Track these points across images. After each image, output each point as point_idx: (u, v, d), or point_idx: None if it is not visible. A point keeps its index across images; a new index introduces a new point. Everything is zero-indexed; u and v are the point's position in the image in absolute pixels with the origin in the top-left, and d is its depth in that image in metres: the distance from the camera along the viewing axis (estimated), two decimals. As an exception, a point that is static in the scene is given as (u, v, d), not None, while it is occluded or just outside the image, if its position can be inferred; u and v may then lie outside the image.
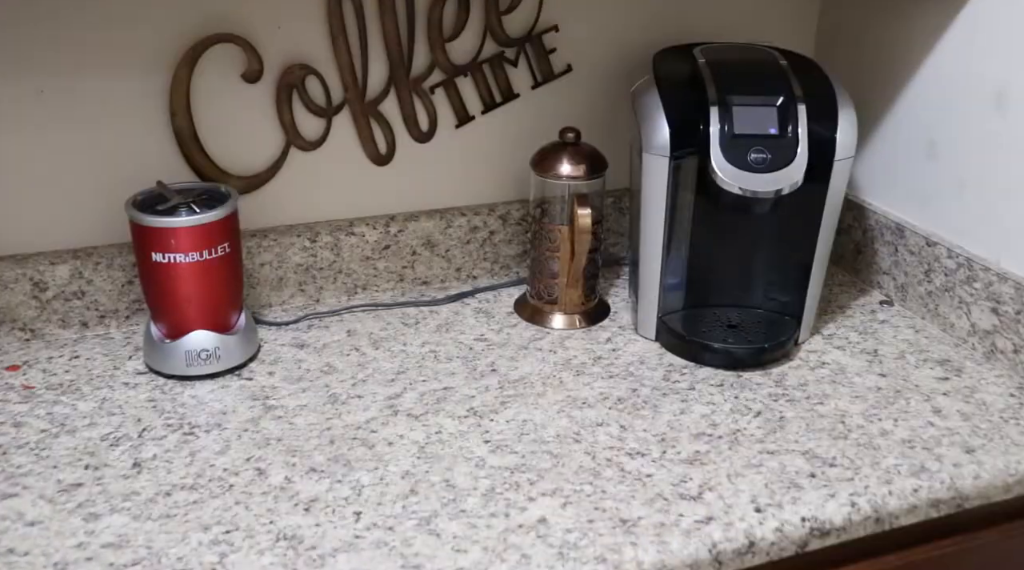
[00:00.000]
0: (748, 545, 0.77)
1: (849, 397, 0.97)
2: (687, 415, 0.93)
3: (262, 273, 1.12)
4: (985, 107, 1.03)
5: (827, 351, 1.06)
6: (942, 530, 0.88)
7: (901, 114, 1.16)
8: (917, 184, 1.14)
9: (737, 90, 0.97)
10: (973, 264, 1.05)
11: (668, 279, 1.06)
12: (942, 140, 1.10)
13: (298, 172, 1.12)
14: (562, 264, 1.09)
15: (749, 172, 0.95)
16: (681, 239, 1.06)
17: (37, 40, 0.97)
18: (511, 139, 1.19)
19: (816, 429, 0.91)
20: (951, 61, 1.07)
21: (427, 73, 1.13)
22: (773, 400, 0.96)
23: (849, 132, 0.99)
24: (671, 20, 1.21)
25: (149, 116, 1.04)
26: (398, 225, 1.16)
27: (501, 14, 1.13)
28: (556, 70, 1.18)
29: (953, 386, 0.99)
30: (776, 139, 0.96)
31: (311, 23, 1.06)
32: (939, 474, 0.85)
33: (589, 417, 0.92)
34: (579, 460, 0.86)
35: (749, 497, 0.81)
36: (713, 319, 1.09)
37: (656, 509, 0.79)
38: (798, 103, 0.97)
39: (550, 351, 1.05)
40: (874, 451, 0.88)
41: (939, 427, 0.92)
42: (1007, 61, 0.99)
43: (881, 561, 0.86)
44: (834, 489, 0.82)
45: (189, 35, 1.02)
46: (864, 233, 1.21)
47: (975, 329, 1.05)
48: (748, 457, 0.87)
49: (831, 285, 1.21)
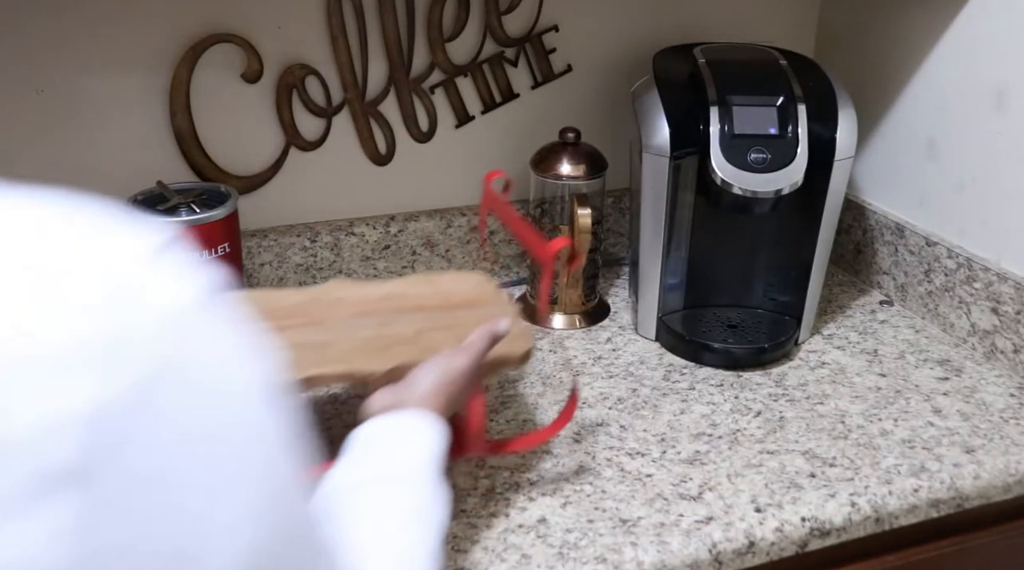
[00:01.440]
0: (748, 545, 0.77)
1: (849, 397, 0.97)
2: (687, 415, 0.93)
3: (262, 273, 1.12)
4: (985, 107, 1.03)
5: (827, 351, 1.06)
6: (942, 530, 0.88)
7: (901, 114, 1.16)
8: (917, 184, 1.14)
9: (737, 90, 0.97)
10: (973, 264, 1.05)
11: (668, 279, 1.06)
12: (942, 140, 1.10)
13: (298, 172, 1.12)
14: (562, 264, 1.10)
15: (749, 172, 0.95)
16: (681, 239, 1.06)
17: (37, 40, 0.97)
18: (511, 139, 1.19)
19: (816, 429, 0.91)
20: (951, 61, 1.07)
21: (427, 73, 1.13)
22: (773, 400, 0.96)
23: (849, 132, 0.99)
24: (671, 20, 1.21)
25: (149, 116, 1.04)
26: (398, 225, 1.16)
27: (501, 14, 1.13)
28: (556, 70, 1.18)
29: (953, 386, 0.99)
30: (776, 139, 0.96)
31: (311, 23, 1.06)
32: (939, 474, 0.85)
33: (589, 417, 0.92)
34: (579, 460, 0.86)
35: (749, 497, 0.81)
36: (713, 319, 1.09)
37: (656, 509, 0.79)
38: (798, 103, 0.97)
39: (550, 351, 1.05)
40: (874, 451, 0.88)
41: (939, 427, 0.92)
42: (1007, 61, 0.99)
43: (881, 561, 0.86)
44: (834, 489, 0.82)
45: (189, 35, 1.02)
46: (864, 233, 1.21)
47: (975, 329, 1.05)
48: (748, 457, 0.86)
49: (831, 285, 1.21)
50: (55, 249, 0.29)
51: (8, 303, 0.28)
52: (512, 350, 0.78)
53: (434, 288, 0.87)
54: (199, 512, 0.30)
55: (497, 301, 0.86)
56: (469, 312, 0.83)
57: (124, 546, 0.28)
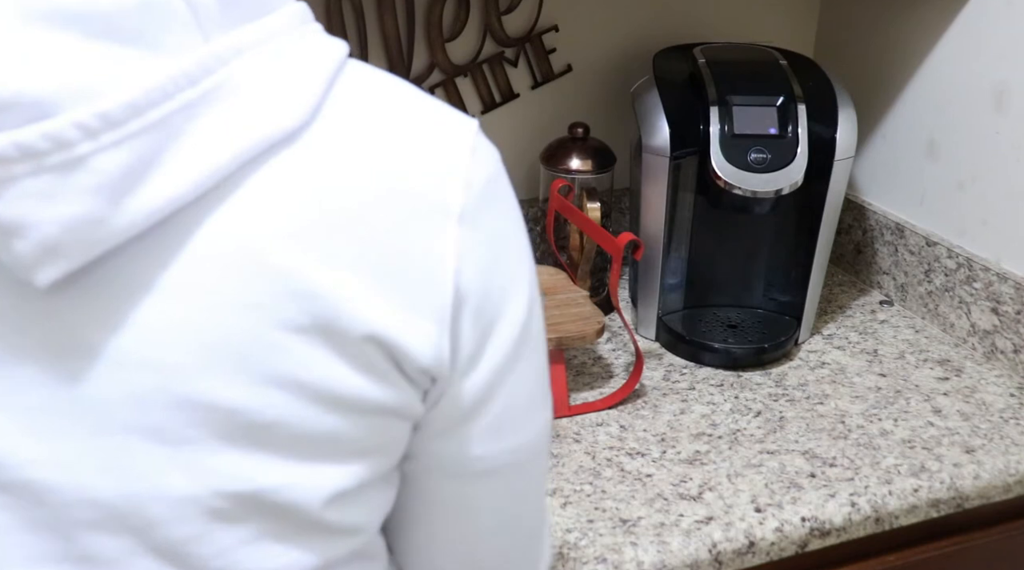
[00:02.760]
0: (748, 545, 0.77)
1: (849, 397, 0.97)
2: (687, 415, 0.93)
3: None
4: (985, 107, 1.03)
5: (827, 351, 1.06)
6: (942, 530, 0.88)
7: (901, 114, 1.16)
8: (917, 184, 1.14)
9: (737, 90, 0.97)
10: (973, 264, 1.05)
11: (668, 279, 1.06)
12: (942, 140, 1.10)
13: (298, 172, 1.12)
14: (571, 257, 1.10)
15: (749, 172, 0.95)
16: (681, 239, 1.06)
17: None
18: (511, 139, 1.19)
19: (816, 429, 0.91)
20: (951, 61, 1.07)
21: (427, 73, 1.12)
22: (773, 400, 0.96)
23: (849, 132, 0.99)
24: (671, 20, 1.21)
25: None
26: (398, 225, 1.16)
27: (501, 14, 1.13)
28: (556, 70, 1.18)
29: (953, 386, 0.99)
30: (776, 139, 0.96)
31: (311, 23, 1.06)
32: (939, 474, 0.84)
33: (589, 417, 0.92)
34: (579, 460, 0.86)
35: (749, 497, 0.81)
36: (713, 319, 1.09)
37: (656, 509, 0.79)
38: (798, 103, 0.97)
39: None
40: (874, 451, 0.88)
41: (939, 427, 0.92)
42: (1007, 61, 0.99)
43: (881, 561, 0.86)
44: (834, 489, 0.82)
45: (189, 35, 1.02)
46: (864, 233, 1.21)
47: (975, 329, 1.05)
48: (748, 457, 0.86)
49: (831, 285, 1.21)
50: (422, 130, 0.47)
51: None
52: (586, 328, 0.91)
53: None
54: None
55: (570, 288, 0.99)
56: (548, 298, 0.97)
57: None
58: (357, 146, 0.45)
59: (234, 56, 0.41)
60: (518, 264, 0.49)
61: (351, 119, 0.45)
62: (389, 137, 0.46)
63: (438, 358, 0.45)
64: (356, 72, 0.47)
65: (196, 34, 0.41)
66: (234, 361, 0.42)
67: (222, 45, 0.41)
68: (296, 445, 0.44)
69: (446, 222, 0.45)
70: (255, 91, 0.42)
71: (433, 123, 0.47)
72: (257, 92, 0.42)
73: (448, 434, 0.50)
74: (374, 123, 0.46)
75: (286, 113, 0.43)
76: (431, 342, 0.45)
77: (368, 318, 0.43)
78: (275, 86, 0.43)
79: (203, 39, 0.41)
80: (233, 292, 0.41)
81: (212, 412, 0.42)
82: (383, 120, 0.46)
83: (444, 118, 0.48)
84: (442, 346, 0.45)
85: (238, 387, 0.42)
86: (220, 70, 0.41)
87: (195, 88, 0.40)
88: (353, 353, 0.43)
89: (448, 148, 0.47)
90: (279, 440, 0.43)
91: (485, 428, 0.50)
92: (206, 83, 0.40)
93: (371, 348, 0.43)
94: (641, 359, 0.95)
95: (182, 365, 0.41)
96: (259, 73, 0.42)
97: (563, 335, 0.91)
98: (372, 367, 0.44)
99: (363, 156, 0.44)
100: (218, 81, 0.41)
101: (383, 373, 0.44)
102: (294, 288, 0.42)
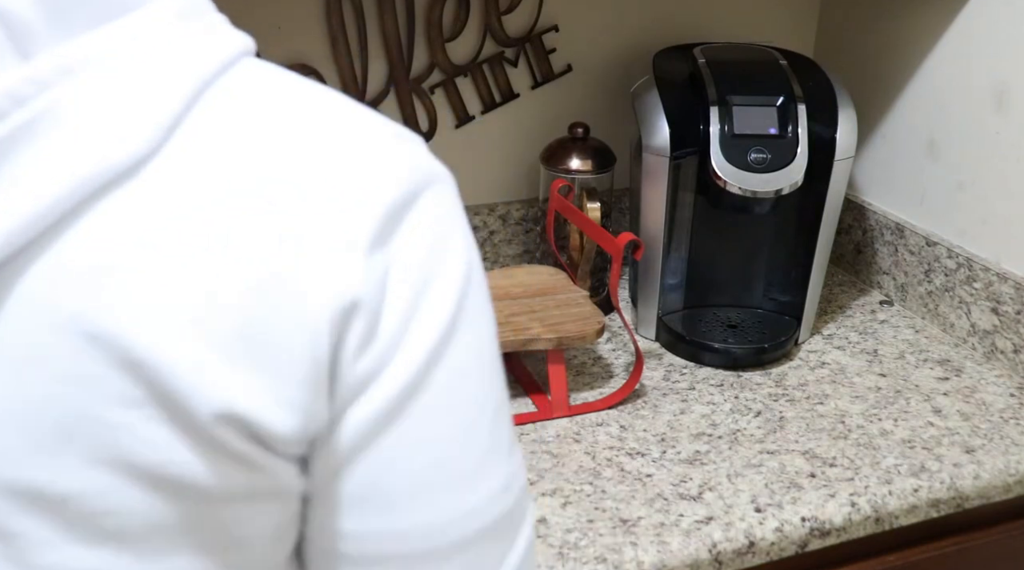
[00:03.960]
0: (748, 545, 0.77)
1: (849, 397, 0.97)
2: (687, 415, 0.93)
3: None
4: (985, 107, 1.03)
5: (827, 351, 1.06)
6: (942, 530, 0.88)
7: (901, 114, 1.16)
8: (917, 184, 1.14)
9: (737, 90, 0.97)
10: (973, 264, 1.05)
11: (668, 279, 1.06)
12: (942, 140, 1.10)
13: (298, 172, 1.12)
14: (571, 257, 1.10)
15: (749, 172, 0.95)
16: (681, 239, 1.06)
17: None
18: (511, 139, 1.19)
19: (816, 429, 0.91)
20: (951, 61, 1.07)
21: (427, 73, 1.12)
22: (773, 400, 0.96)
23: (849, 132, 0.99)
24: (671, 20, 1.21)
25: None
26: (398, 225, 1.16)
27: (501, 14, 1.13)
28: (556, 70, 1.18)
29: (953, 386, 0.99)
30: (776, 139, 0.96)
31: (311, 23, 1.06)
32: (939, 474, 0.85)
33: (589, 417, 0.92)
34: (579, 460, 0.86)
35: (749, 497, 0.81)
36: (713, 319, 1.09)
37: (656, 509, 0.79)
38: (798, 103, 0.97)
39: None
40: (874, 451, 0.88)
41: (939, 427, 0.92)
42: (1006, 61, 0.99)
43: (881, 561, 0.86)
44: (834, 489, 0.82)
45: (189, 35, 1.02)
46: (864, 233, 1.21)
47: (975, 329, 1.05)
48: (748, 457, 0.86)
49: (831, 285, 1.21)
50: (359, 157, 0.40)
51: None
52: (586, 328, 0.92)
53: (513, 280, 1.01)
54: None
55: (570, 288, 1.00)
56: (548, 298, 0.97)
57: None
58: (211, 177, 0.36)
59: (60, 78, 0.34)
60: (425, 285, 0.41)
61: (212, 142, 0.37)
62: (255, 165, 0.37)
63: (306, 425, 0.38)
64: (244, 79, 0.39)
65: (10, 55, 0.34)
66: (62, 441, 0.36)
67: (45, 66, 0.34)
68: (145, 538, 0.38)
69: (323, 263, 0.37)
70: (85, 119, 0.35)
71: (322, 146, 0.39)
72: (88, 119, 0.35)
73: (317, 500, 0.41)
74: (241, 147, 0.37)
75: (120, 143, 0.35)
76: (299, 410, 0.38)
77: (220, 393, 0.36)
78: (112, 109, 0.35)
79: (21, 59, 0.34)
80: (58, 362, 0.35)
81: (41, 500, 0.36)
82: (254, 143, 0.38)
83: (344, 141, 0.39)
84: (313, 410, 0.38)
85: (69, 471, 0.36)
86: (38, 98, 0.34)
87: (1, 125, 0.33)
88: (203, 434, 0.36)
89: (331, 182, 0.38)
90: (122, 532, 0.37)
91: (353, 492, 0.40)
92: (17, 117, 0.34)
93: (225, 428, 0.37)
94: (641, 359, 0.95)
95: (7, 448, 0.36)
96: (93, 95, 0.35)
97: (563, 335, 0.91)
98: (225, 448, 0.37)
99: (217, 190, 0.36)
100: (34, 113, 0.34)
101: (240, 455, 0.37)
102: (129, 358, 0.35)
